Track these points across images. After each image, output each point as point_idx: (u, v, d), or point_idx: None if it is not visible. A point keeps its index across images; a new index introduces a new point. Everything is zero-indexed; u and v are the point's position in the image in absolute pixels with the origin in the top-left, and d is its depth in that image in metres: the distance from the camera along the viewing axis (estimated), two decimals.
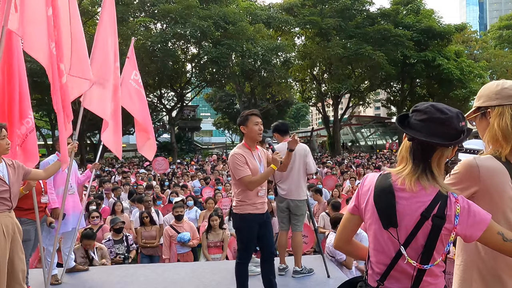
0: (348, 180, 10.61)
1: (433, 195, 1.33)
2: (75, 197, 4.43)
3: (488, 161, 1.52)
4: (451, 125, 1.34)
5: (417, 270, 1.34)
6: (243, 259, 3.43)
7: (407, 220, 1.35)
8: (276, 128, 4.41)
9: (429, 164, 1.36)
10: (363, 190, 1.49)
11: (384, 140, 43.13)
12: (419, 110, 1.40)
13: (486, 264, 1.54)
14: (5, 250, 2.87)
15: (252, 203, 3.32)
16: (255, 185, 3.28)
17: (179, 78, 28.15)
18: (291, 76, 30.42)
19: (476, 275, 1.57)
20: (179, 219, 5.85)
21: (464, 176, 1.53)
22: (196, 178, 12.56)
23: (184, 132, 42.06)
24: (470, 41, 41.84)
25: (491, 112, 1.60)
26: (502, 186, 1.49)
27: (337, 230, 1.62)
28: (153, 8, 24.10)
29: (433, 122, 1.35)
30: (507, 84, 1.59)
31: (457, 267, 1.65)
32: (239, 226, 3.41)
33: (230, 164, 3.33)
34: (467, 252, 1.61)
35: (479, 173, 1.50)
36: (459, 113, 1.37)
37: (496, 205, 1.50)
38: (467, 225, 1.33)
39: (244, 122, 3.39)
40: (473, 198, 1.51)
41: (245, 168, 3.24)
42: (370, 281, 1.46)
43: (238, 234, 3.47)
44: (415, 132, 1.35)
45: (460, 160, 1.60)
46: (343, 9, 28.33)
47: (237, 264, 3.44)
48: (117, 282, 4.31)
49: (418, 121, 1.37)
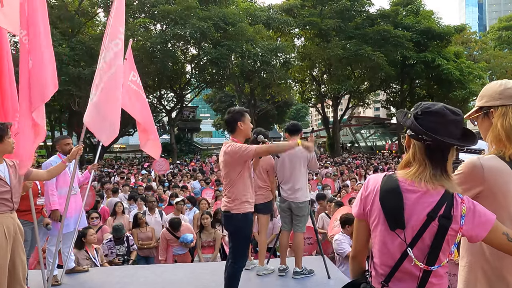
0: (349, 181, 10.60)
1: (440, 196, 1.33)
2: (77, 198, 4.41)
3: (492, 161, 1.51)
4: (461, 126, 1.38)
5: (423, 271, 1.33)
6: (242, 263, 3.28)
7: (413, 220, 1.34)
8: (286, 128, 4.47)
9: (446, 165, 1.37)
10: (367, 193, 1.48)
11: (384, 141, 43.14)
12: (433, 112, 1.37)
13: (490, 265, 1.53)
14: (6, 251, 2.86)
15: (250, 202, 3.24)
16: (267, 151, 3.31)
17: (178, 79, 28.15)
18: (291, 77, 30.44)
19: (480, 276, 1.56)
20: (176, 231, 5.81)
21: (469, 176, 1.53)
22: (196, 179, 12.56)
23: (184, 133, 42.05)
24: (469, 42, 41.89)
25: (494, 112, 1.59)
26: (506, 186, 1.48)
27: (352, 240, 1.63)
28: (153, 9, 24.09)
29: (450, 123, 1.35)
30: (510, 84, 1.58)
31: (461, 269, 1.64)
32: (242, 226, 3.20)
33: (231, 151, 3.13)
34: (472, 253, 1.60)
35: (483, 173, 1.50)
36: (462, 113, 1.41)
37: (500, 205, 1.49)
38: (473, 225, 1.32)
39: (241, 118, 3.31)
40: (478, 198, 1.50)
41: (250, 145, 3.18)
42: (374, 282, 1.45)
43: (237, 236, 3.25)
44: (436, 135, 1.33)
45: (461, 160, 1.59)
46: (342, 10, 28.31)
47: (236, 269, 3.23)
48: (116, 282, 4.29)
49: (436, 123, 1.35)
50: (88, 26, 25.66)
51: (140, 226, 6.05)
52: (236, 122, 3.30)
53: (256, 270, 4.41)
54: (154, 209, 6.60)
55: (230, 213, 3.21)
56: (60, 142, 4.41)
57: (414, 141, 1.41)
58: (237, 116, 3.31)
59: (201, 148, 46.29)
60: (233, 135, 3.33)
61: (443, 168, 1.37)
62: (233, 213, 3.19)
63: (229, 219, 3.26)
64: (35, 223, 3.71)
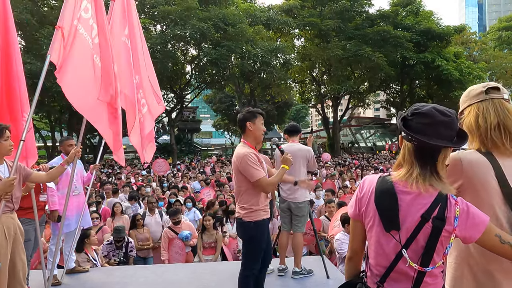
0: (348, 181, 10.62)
1: (434, 197, 1.34)
2: (80, 198, 4.43)
3: (470, 154, 1.60)
4: (453, 127, 1.37)
5: (417, 272, 1.34)
6: (256, 270, 3.15)
7: (408, 222, 1.35)
8: (285, 129, 4.46)
9: (435, 166, 1.38)
10: (362, 194, 1.49)
11: (384, 141, 43.16)
12: (421, 113, 1.38)
13: (476, 261, 1.57)
14: (6, 251, 2.88)
15: (263, 208, 3.11)
16: (272, 187, 3.10)
17: (178, 79, 28.15)
18: (291, 78, 30.46)
19: (467, 272, 1.60)
20: (177, 225, 5.82)
21: (450, 171, 1.58)
22: (196, 179, 12.57)
23: (184, 134, 42.01)
24: (469, 42, 41.92)
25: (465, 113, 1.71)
26: (484, 177, 1.54)
27: (349, 241, 1.63)
28: (153, 10, 24.10)
29: (439, 125, 1.35)
30: (475, 86, 1.72)
31: (449, 265, 1.67)
32: (253, 235, 3.09)
33: (242, 164, 2.99)
34: (458, 250, 1.64)
35: (462, 166, 1.58)
36: (456, 114, 1.41)
37: (482, 199, 1.54)
38: (466, 226, 1.34)
39: (252, 118, 3.15)
40: (460, 192, 1.56)
41: (261, 168, 3.00)
42: (369, 283, 1.46)
43: (251, 244, 3.13)
44: (422, 136, 1.35)
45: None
46: (342, 10, 28.35)
47: (246, 277, 3.11)
48: (116, 282, 4.31)
49: (423, 124, 1.37)
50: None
51: (137, 227, 6.05)
52: (246, 121, 3.16)
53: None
54: (154, 210, 6.61)
55: (242, 220, 3.11)
56: (64, 143, 4.44)
57: (405, 142, 1.43)
58: (247, 116, 3.17)
59: (201, 148, 46.29)
60: (244, 136, 3.22)
61: (432, 169, 1.37)
62: (244, 221, 3.09)
63: (240, 226, 3.17)
64: (36, 221, 3.72)
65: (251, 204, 3.06)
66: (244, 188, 3.08)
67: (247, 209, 3.07)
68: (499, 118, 1.58)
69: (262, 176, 2.98)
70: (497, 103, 1.61)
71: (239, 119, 3.24)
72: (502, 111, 1.59)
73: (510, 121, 1.58)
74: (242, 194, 3.11)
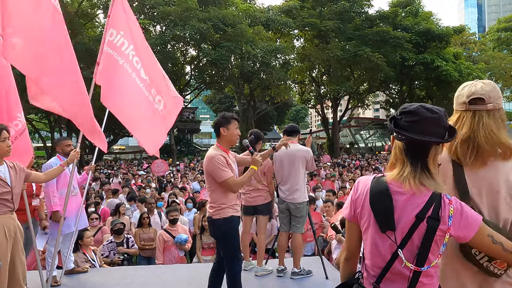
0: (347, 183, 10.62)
1: (428, 197, 1.35)
2: (78, 199, 4.43)
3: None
4: (441, 124, 1.39)
5: (413, 272, 1.35)
6: (239, 267, 3.24)
7: (403, 222, 1.36)
8: (284, 130, 4.48)
9: (426, 163, 1.39)
10: (357, 195, 1.50)
11: (383, 142, 43.13)
12: (409, 112, 1.41)
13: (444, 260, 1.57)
14: (6, 251, 2.89)
15: (231, 206, 3.19)
16: (239, 187, 3.25)
17: (178, 80, 28.13)
18: (290, 78, 30.45)
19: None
20: (174, 223, 5.81)
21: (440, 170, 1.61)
22: (196, 180, 12.57)
23: (183, 134, 42.01)
24: (468, 43, 41.96)
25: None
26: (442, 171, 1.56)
27: (345, 242, 1.64)
28: (153, 10, 24.11)
29: (426, 121, 1.37)
30: (464, 91, 1.65)
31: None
32: (225, 231, 3.16)
33: (209, 166, 3.13)
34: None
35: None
36: (445, 111, 1.43)
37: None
38: (460, 226, 1.35)
39: (225, 124, 3.27)
40: None
41: (228, 169, 3.12)
42: (365, 283, 1.47)
43: (225, 241, 3.21)
44: (410, 133, 1.37)
45: None
46: (342, 11, 28.38)
47: (233, 275, 3.18)
48: (116, 283, 4.31)
49: (411, 122, 1.39)
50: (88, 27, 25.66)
51: (143, 226, 6.05)
52: (219, 127, 3.27)
53: (255, 270, 4.43)
54: (153, 210, 6.60)
55: (212, 218, 3.20)
56: (61, 143, 4.43)
57: (396, 141, 1.45)
58: (221, 121, 3.28)
59: (200, 149, 46.26)
60: (218, 139, 3.34)
61: (423, 166, 1.39)
62: (214, 219, 3.17)
63: (211, 225, 3.28)
64: (29, 223, 3.72)
65: (220, 203, 3.15)
66: (213, 188, 3.19)
67: (216, 207, 3.16)
68: (472, 131, 1.56)
69: (228, 176, 3.10)
70: (477, 116, 1.57)
71: (214, 123, 3.38)
72: (477, 125, 1.56)
73: (480, 136, 1.54)
74: (211, 194, 3.22)
